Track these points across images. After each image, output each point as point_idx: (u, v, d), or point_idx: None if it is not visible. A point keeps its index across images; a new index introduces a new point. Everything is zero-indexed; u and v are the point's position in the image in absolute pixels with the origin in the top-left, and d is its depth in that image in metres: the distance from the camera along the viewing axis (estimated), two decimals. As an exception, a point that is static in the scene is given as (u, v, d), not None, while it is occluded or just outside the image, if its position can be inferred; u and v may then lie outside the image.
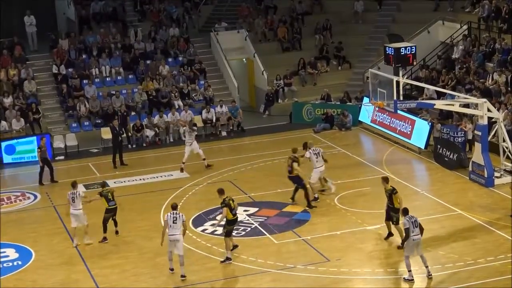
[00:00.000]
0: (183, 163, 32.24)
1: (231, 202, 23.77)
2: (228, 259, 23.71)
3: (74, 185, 25.82)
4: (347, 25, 47.00)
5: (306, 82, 43.60)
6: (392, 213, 24.07)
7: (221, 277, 22.84)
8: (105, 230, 25.74)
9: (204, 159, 32.53)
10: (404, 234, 22.10)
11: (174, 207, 23.18)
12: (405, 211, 22.22)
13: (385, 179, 24.46)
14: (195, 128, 33.16)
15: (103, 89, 40.38)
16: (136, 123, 37.01)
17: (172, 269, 23.19)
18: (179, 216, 22.85)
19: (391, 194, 24.05)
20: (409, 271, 21.90)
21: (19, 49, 41.49)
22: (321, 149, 29.13)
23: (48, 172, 32.33)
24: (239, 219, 26.60)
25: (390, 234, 24.57)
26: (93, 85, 40.15)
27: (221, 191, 24.11)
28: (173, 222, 22.74)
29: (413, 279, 21.85)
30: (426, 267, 21.96)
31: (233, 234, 24.75)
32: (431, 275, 21.94)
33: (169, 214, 22.95)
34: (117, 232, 26.16)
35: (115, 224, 26.09)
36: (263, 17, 46.31)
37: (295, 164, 27.57)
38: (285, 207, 28.06)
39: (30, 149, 34.99)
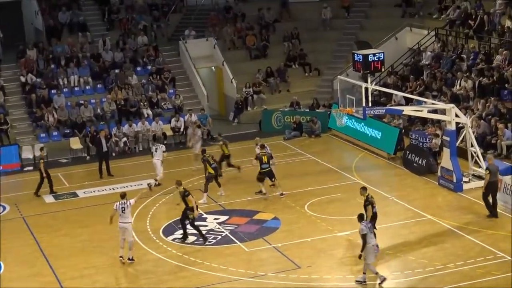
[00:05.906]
0: None
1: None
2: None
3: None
4: (316, 32, 47.16)
5: (275, 89, 43.68)
6: None
7: (192, 286, 22.77)
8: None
9: None
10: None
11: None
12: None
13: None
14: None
15: (72, 99, 40.15)
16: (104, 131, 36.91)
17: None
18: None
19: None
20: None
21: (-15, 60, 41.29)
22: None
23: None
24: (209, 227, 26.70)
25: None
26: (62, 94, 39.95)
27: None
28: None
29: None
30: None
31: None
32: None
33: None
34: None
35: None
36: (231, 25, 46.34)
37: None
38: (255, 214, 28.10)
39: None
